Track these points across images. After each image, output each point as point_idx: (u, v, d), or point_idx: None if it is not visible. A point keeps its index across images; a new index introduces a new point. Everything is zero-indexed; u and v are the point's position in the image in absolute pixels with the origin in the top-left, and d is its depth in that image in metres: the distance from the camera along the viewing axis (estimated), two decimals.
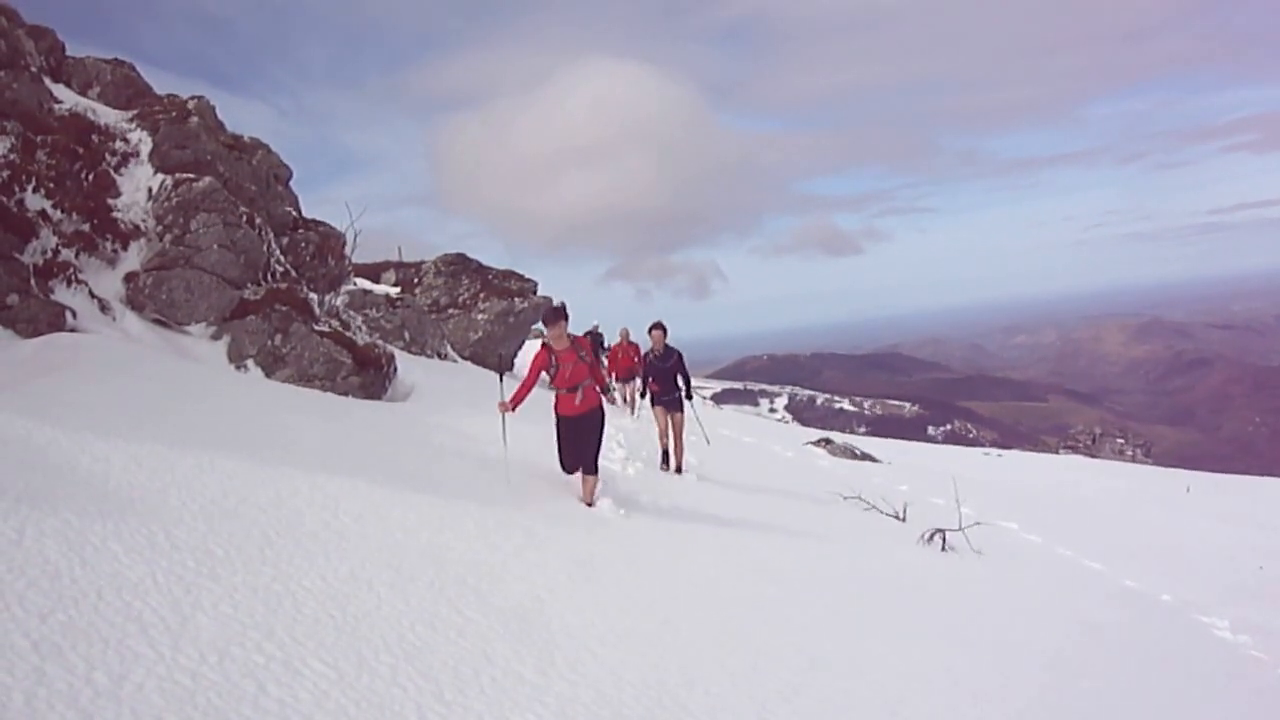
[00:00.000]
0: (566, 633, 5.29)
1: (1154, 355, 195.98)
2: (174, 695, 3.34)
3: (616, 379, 20.25)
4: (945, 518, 11.23)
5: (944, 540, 10.40)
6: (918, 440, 46.27)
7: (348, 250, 18.09)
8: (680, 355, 12.41)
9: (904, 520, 11.57)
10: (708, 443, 14.45)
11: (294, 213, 16.46)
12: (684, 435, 12.43)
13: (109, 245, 11.62)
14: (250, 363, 11.81)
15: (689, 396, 12.66)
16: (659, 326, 12.42)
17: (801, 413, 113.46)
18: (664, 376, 12.37)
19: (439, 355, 19.66)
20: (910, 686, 5.58)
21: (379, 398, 12.50)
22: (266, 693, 3.57)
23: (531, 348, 26.62)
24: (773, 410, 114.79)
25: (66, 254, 10.83)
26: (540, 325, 8.66)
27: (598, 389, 9.17)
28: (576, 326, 9.40)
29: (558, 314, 8.89)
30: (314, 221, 16.89)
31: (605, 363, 20.35)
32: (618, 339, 20.31)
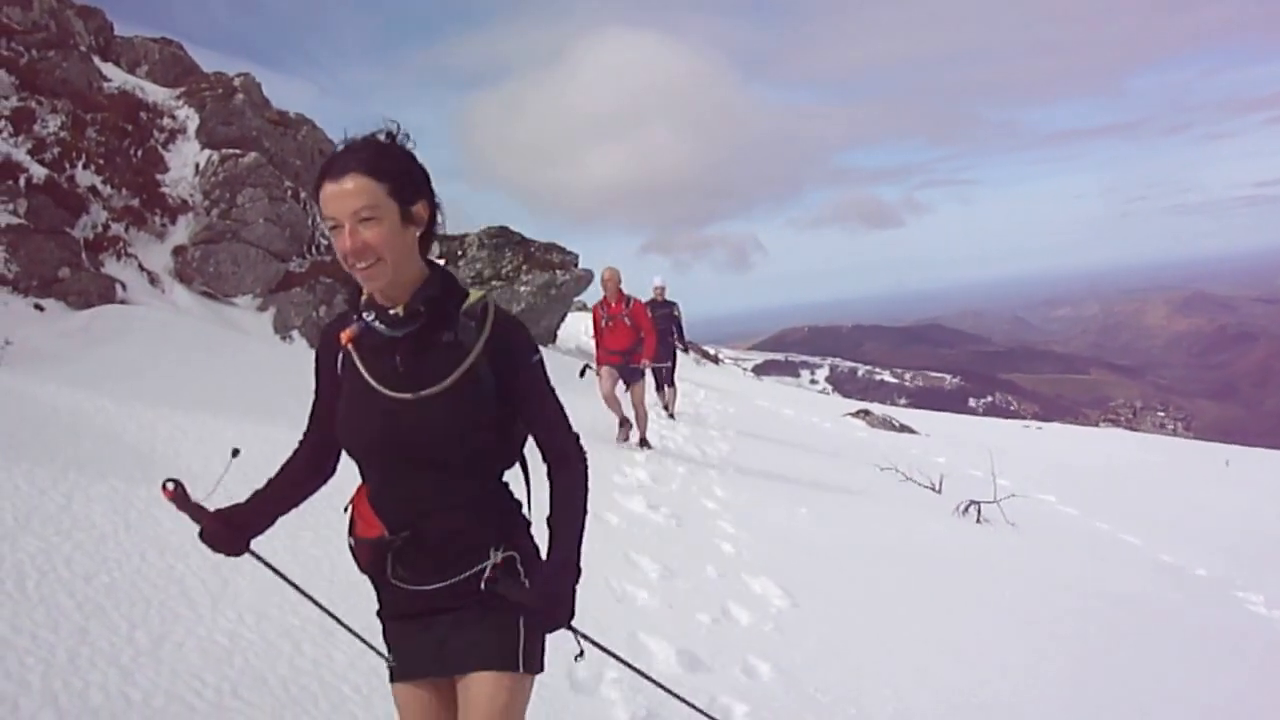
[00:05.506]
0: (590, 596, 5.40)
1: (1197, 329, 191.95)
2: (212, 654, 3.48)
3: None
4: (982, 490, 11.18)
5: (979, 512, 10.38)
6: (959, 413, 45.86)
7: None
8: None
9: (939, 492, 11.54)
10: None
11: None
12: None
13: (158, 220, 11.86)
14: (295, 334, 12.02)
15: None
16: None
17: (843, 384, 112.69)
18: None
19: None
20: (939, 656, 5.63)
21: None
22: (302, 653, 3.71)
23: (575, 320, 26.44)
24: (814, 382, 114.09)
25: (116, 228, 11.07)
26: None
27: None
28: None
29: None
30: None
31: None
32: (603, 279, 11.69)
